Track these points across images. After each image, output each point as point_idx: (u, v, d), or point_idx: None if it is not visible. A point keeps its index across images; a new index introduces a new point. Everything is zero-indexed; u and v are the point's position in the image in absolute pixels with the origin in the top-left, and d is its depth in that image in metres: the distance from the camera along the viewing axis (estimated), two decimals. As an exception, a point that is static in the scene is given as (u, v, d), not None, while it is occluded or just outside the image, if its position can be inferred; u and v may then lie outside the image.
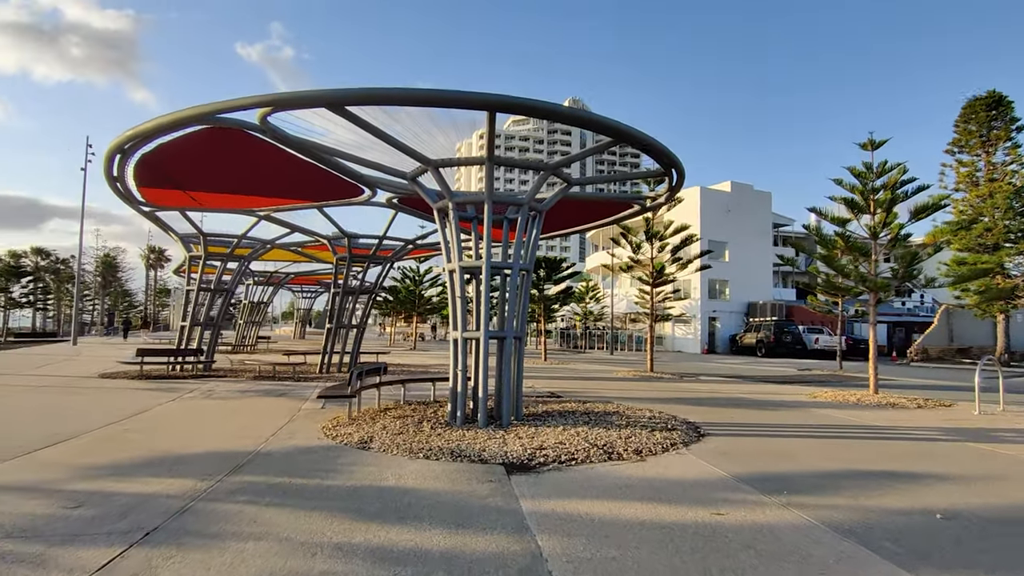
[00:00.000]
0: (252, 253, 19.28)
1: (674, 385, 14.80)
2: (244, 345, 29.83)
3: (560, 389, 13.28)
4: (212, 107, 7.73)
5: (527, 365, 21.12)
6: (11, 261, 54.64)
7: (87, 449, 6.35)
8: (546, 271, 23.04)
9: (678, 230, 17.72)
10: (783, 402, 11.72)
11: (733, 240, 38.89)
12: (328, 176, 11.24)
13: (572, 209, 14.05)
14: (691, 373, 19.01)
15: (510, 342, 8.46)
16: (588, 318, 38.91)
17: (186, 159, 11.16)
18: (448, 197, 9.15)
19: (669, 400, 11.48)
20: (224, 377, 14.86)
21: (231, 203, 15.22)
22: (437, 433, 7.25)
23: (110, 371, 15.48)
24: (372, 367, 9.54)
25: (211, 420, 8.46)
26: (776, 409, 10.62)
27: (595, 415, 8.86)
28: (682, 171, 10.03)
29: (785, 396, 12.83)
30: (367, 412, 8.99)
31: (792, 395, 13.06)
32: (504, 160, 8.91)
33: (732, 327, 38.10)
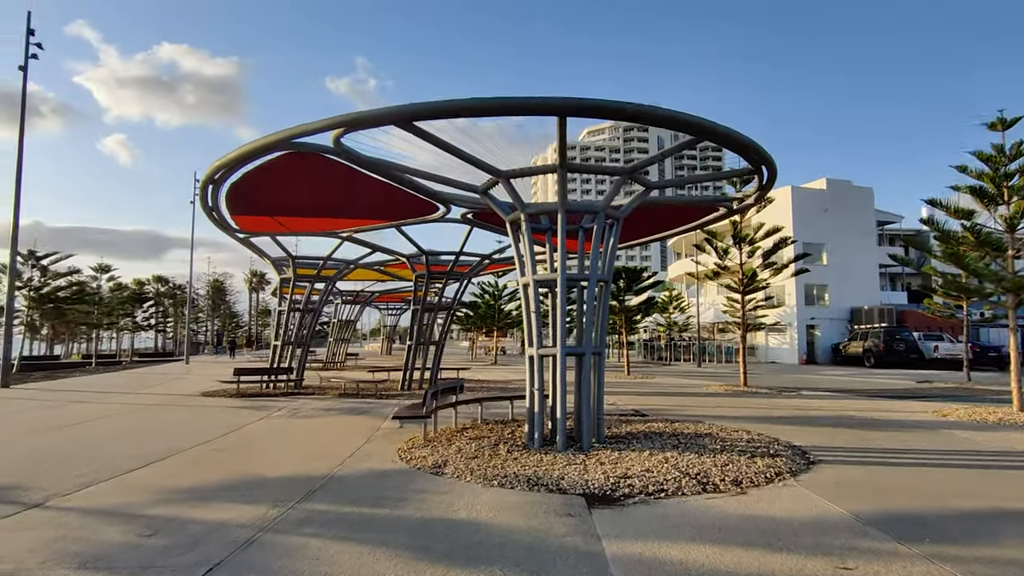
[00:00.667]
0: (337, 274, 19.97)
1: (772, 401, 13.56)
2: (334, 362, 31.07)
3: (645, 406, 12.51)
4: (288, 133, 7.88)
5: (608, 380, 20.32)
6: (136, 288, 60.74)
7: (175, 471, 6.53)
8: (626, 281, 22.20)
9: (770, 232, 16.40)
10: (905, 422, 10.32)
11: (831, 241, 35.93)
12: (404, 195, 11.33)
13: (651, 216, 13.34)
14: (790, 387, 17.45)
15: (589, 358, 7.95)
16: (672, 329, 37.25)
17: (271, 186, 11.64)
18: (520, 208, 8.84)
19: (768, 419, 10.43)
20: (312, 395, 15.34)
21: (315, 226, 15.81)
22: (513, 457, 6.86)
23: (211, 390, 16.44)
24: (448, 386, 9.35)
25: (293, 440, 8.56)
26: (897, 430, 9.32)
27: (685, 437, 8.12)
28: (774, 168, 9.17)
29: (906, 414, 11.33)
30: (444, 432, 8.77)
31: (914, 412, 11.52)
32: (577, 167, 8.48)
33: (834, 335, 35.06)
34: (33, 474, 6.31)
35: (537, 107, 7.05)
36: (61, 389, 17.61)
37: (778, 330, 35.86)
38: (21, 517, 4.79)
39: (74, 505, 5.17)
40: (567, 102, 6.98)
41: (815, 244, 35.42)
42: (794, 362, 34.19)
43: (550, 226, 9.46)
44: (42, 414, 11.69)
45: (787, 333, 35.43)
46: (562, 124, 7.53)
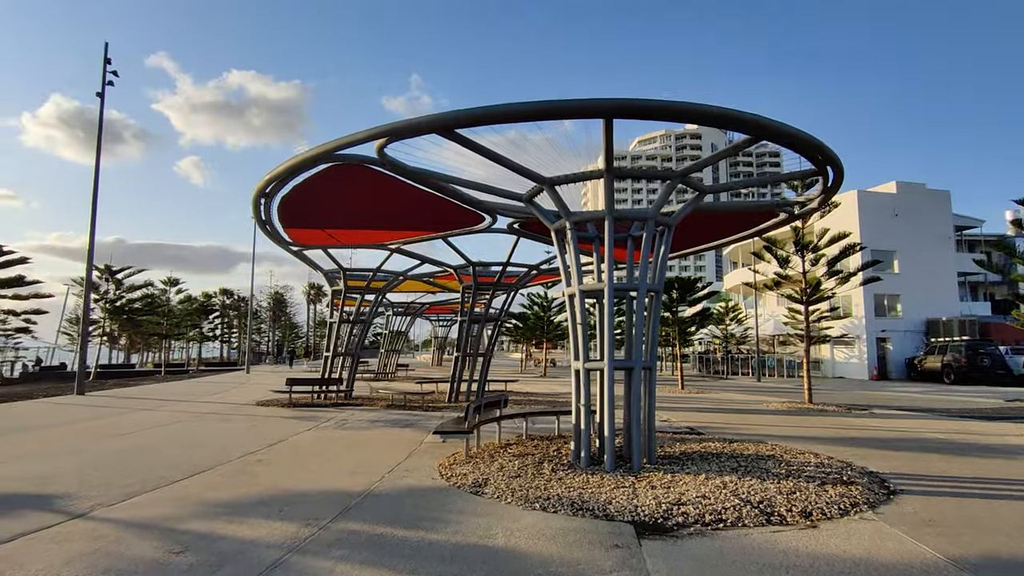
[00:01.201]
0: (387, 285, 20.17)
1: (841, 420, 12.56)
2: (385, 373, 31.44)
3: (700, 423, 11.82)
4: (332, 144, 7.87)
5: (662, 394, 19.54)
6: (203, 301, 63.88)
7: (217, 483, 6.51)
8: (679, 292, 21.38)
9: (835, 238, 15.35)
10: (998, 447, 9.25)
11: (903, 248, 33.64)
12: (449, 206, 11.26)
13: (705, 223, 12.72)
14: (861, 404, 16.21)
15: (639, 372, 7.49)
16: (729, 341, 35.75)
17: (320, 199, 11.80)
18: (565, 216, 8.52)
19: (837, 440, 9.60)
20: (360, 406, 15.41)
21: (364, 238, 15.99)
22: (558, 477, 6.48)
23: (265, 399, 16.81)
24: (492, 399, 9.08)
25: (336, 453, 8.48)
26: (991, 456, 8.34)
27: (745, 459, 7.50)
28: (840, 168, 8.51)
29: (997, 437, 10.19)
30: (487, 448, 8.49)
31: (1008, 436, 10.35)
32: (625, 172, 8.08)
33: (907, 349, 32.68)
34: (86, 482, 6.43)
35: (580, 109, 6.75)
36: (129, 396, 18.47)
37: (845, 343, 33.78)
38: (62, 528, 4.81)
39: (116, 516, 5.17)
40: (612, 103, 6.65)
41: (885, 251, 33.28)
42: (863, 377, 32.07)
43: (597, 235, 9.10)
44: (108, 421, 12.17)
45: (855, 346, 33.31)
46: (608, 127, 7.19)
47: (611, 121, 7.13)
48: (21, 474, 6.90)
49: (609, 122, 7.13)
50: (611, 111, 6.80)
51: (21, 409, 14.33)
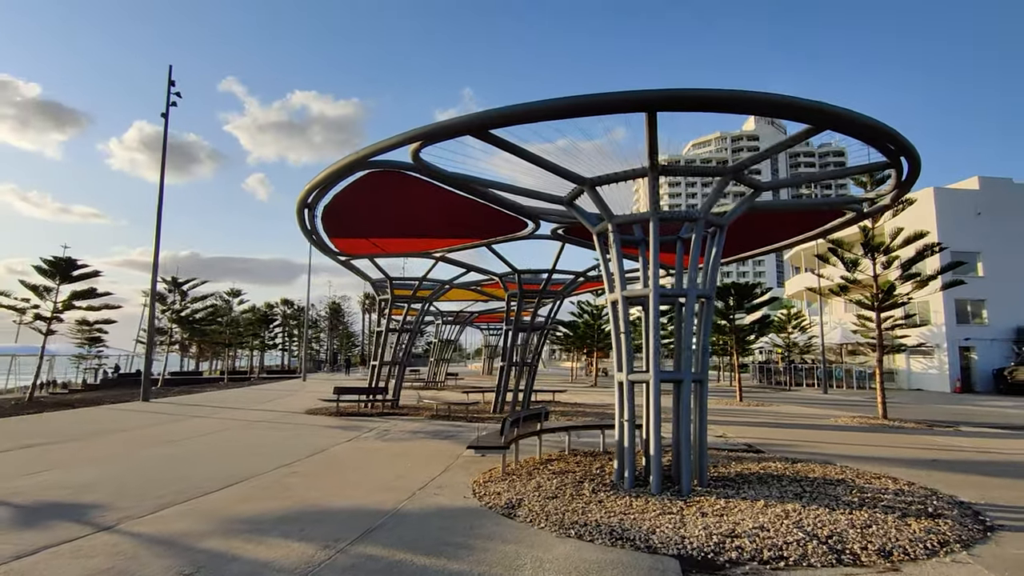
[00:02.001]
0: (433, 294, 20.11)
1: (922, 439, 11.36)
2: (434, 381, 31.52)
3: (759, 440, 10.95)
4: (367, 151, 7.73)
5: (718, 407, 18.51)
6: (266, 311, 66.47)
7: (248, 495, 6.37)
8: (736, 298, 20.26)
9: (910, 239, 14.04)
10: (1116, 473, 8.02)
11: (988, 249, 30.88)
12: (492, 213, 11.02)
13: (762, 224, 11.90)
14: (943, 420, 14.73)
15: (688, 385, 6.88)
16: (791, 350, 33.80)
17: (362, 208, 11.79)
18: (607, 219, 8.06)
19: (918, 463, 8.60)
20: (405, 415, 15.28)
21: (408, 247, 15.95)
22: (598, 500, 5.98)
23: (314, 407, 16.98)
24: (532, 412, 8.64)
25: (370, 465, 8.26)
26: (1108, 485, 7.20)
27: (811, 483, 6.74)
28: (916, 159, 7.68)
29: (1115, 462, 8.88)
30: (526, 464, 8.06)
31: None
32: (670, 168, 7.52)
33: (994, 359, 29.88)
34: (123, 492, 6.44)
35: (620, 102, 6.30)
36: (188, 403, 19.12)
37: (922, 352, 31.28)
38: (86, 542, 4.73)
39: (139, 531, 5.07)
40: (656, 94, 6.17)
41: (967, 253, 30.67)
42: (944, 390, 29.54)
43: (643, 238, 8.58)
44: (161, 428, 12.51)
45: (934, 356, 30.79)
46: (651, 121, 6.69)
47: (655, 115, 6.64)
48: (65, 482, 7.00)
49: (653, 116, 6.65)
50: (656, 103, 6.31)
51: (85, 416, 15.01)
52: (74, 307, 20.60)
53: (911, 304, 29.81)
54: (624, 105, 6.37)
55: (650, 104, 6.38)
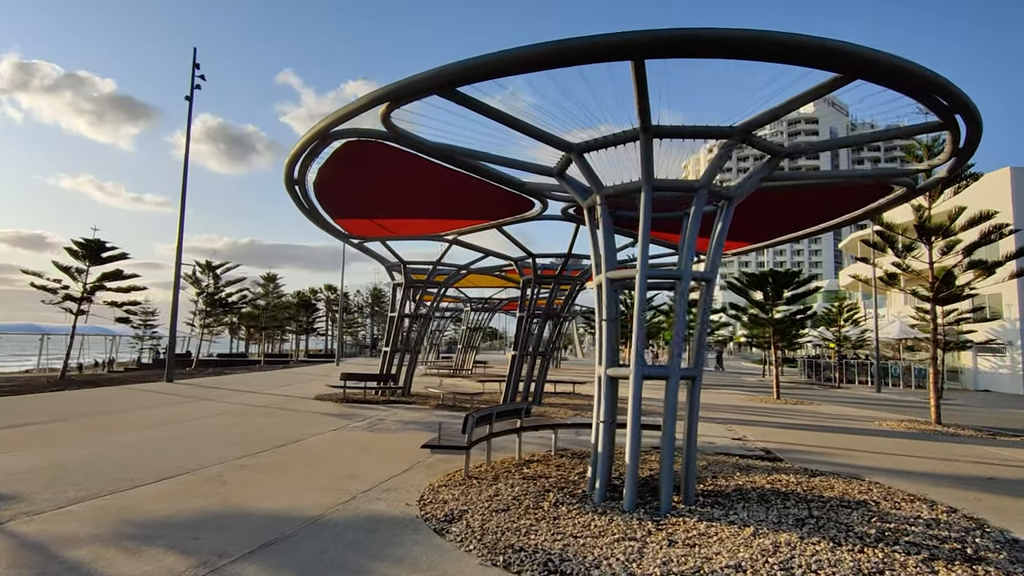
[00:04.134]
0: (449, 279, 19.43)
1: (978, 450, 9.81)
2: (461, 369, 31.03)
3: (782, 444, 9.69)
4: (330, 119, 7.06)
5: (751, 404, 17.08)
6: (308, 296, 67.80)
7: (171, 492, 5.79)
8: (774, 287, 18.60)
9: (974, 219, 12.22)
10: None
11: (1074, 236, 27.62)
12: (497, 192, 10.24)
13: (797, 203, 10.56)
14: (1009, 429, 12.91)
15: (676, 383, 5.83)
16: (843, 345, 31.41)
17: (360, 186, 11.19)
18: (595, 190, 7.06)
19: (968, 482, 7.23)
20: (412, 404, 14.69)
21: (416, 229, 15.27)
22: (554, 516, 5.06)
23: (324, 393, 16.63)
24: (509, 408, 7.75)
25: (333, 460, 7.59)
26: None
27: (822, 505, 5.59)
28: (975, 116, 6.35)
29: None
30: (500, 465, 7.21)
31: None
32: (666, 129, 6.38)
33: (1080, 359, 26.78)
34: (53, 481, 6.00)
35: (603, 48, 5.24)
36: (208, 386, 19.19)
37: (992, 349, 28.40)
38: (-52, 543, 4.20)
39: (22, 530, 4.53)
40: (641, 37, 5.10)
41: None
42: (1017, 391, 26.70)
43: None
44: (159, 411, 12.32)
45: (1006, 354, 27.88)
46: (639, 71, 5.61)
47: (642, 64, 5.56)
48: (5, 468, 6.64)
49: (640, 65, 5.56)
50: (642, 48, 5.24)
51: (95, 396, 15.10)
52: (105, 288, 21.03)
53: (979, 296, 27.02)
54: (606, 52, 5.32)
55: (636, 50, 5.31)
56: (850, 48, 5.10)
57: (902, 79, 5.51)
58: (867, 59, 5.14)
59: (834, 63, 5.32)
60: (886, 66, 5.23)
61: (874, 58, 5.12)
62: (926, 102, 6.06)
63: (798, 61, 5.31)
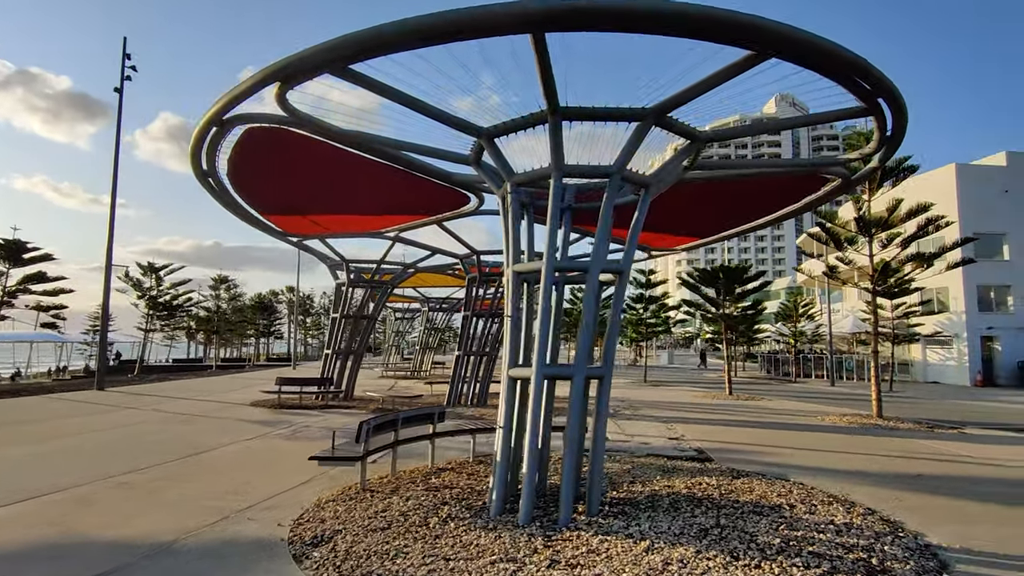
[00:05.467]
0: (395, 278, 18.79)
1: (914, 444, 9.68)
2: (420, 370, 30.33)
3: (719, 443, 9.39)
4: (220, 105, 6.42)
5: (702, 401, 16.89)
6: (269, 298, 65.83)
7: (14, 518, 5.10)
8: (725, 283, 18.49)
9: (912, 212, 12.19)
10: None
11: (1016, 230, 28.45)
12: (430, 187, 9.76)
13: (730, 198, 10.29)
14: (949, 420, 12.95)
15: (582, 382, 5.40)
16: (798, 340, 31.77)
17: (284, 180, 10.55)
18: (505, 177, 6.60)
19: (895, 479, 6.99)
20: (349, 409, 14.03)
21: (352, 225, 14.61)
22: (437, 534, 4.56)
23: (260, 399, 15.80)
24: (420, 413, 7.22)
25: (229, 472, 6.95)
26: None
27: (734, 510, 5.22)
28: (899, 101, 6.09)
29: None
30: (407, 475, 6.68)
31: None
32: (574, 110, 5.93)
33: (1020, 350, 27.57)
34: None
35: (495, 19, 4.75)
36: (140, 393, 18.11)
37: (940, 342, 29.07)
38: None
39: None
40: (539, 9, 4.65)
41: (992, 235, 28.31)
42: (964, 383, 27.36)
43: (570, 205, 7.14)
44: (71, 421, 11.44)
45: (953, 346, 28.56)
46: (540, 46, 5.13)
47: (543, 39, 5.09)
48: None
49: (540, 39, 5.08)
50: (540, 21, 4.77)
51: (7, 405, 14.02)
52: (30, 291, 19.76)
53: (927, 290, 27.61)
54: (501, 23, 4.83)
55: (534, 22, 4.83)
56: (761, 23, 4.73)
57: (819, 59, 5.17)
58: (780, 36, 4.79)
59: (746, 39, 4.95)
60: (801, 44, 4.89)
61: (788, 35, 4.78)
62: (848, 85, 5.75)
63: (707, 36, 4.91)
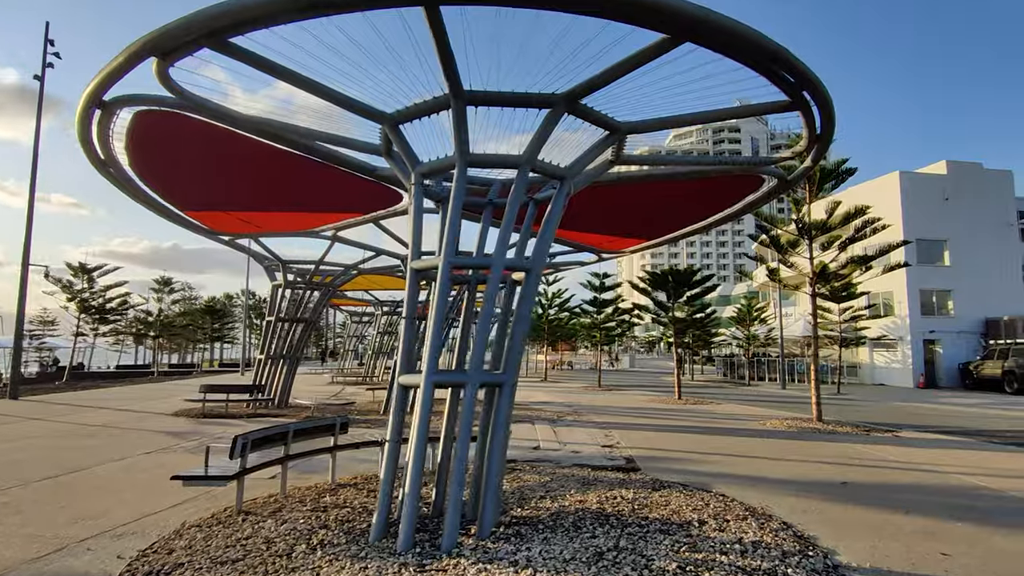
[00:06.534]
0: (336, 280, 18.01)
1: (847, 450, 9.51)
2: (371, 376, 29.44)
3: (653, 451, 9.03)
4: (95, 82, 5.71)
5: (649, 406, 16.65)
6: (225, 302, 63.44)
7: None
8: (674, 286, 18.35)
9: (850, 215, 12.18)
10: (1067, 502, 6.18)
11: (956, 237, 29.36)
12: (360, 183, 9.19)
13: (668, 198, 10.01)
14: (886, 424, 12.96)
15: (474, 391, 4.90)
16: (752, 343, 32.15)
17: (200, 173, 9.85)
18: (411, 167, 6.09)
19: (820, 487, 6.71)
20: (278, 418, 13.22)
21: (286, 224, 13.87)
22: (292, 568, 3.98)
23: (184, 408, 14.82)
24: (317, 424, 6.58)
25: (99, 494, 6.19)
26: (1053, 525, 5.34)
27: (640, 530, 4.79)
28: (824, 96, 5.85)
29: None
30: (299, 493, 6.06)
31: (1084, 482, 7.20)
32: (480, 95, 5.44)
33: (961, 353, 28.41)
34: None
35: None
36: (56, 403, 16.83)
37: (885, 345, 29.75)
38: None
39: None
40: None
41: (934, 241, 29.18)
42: (908, 385, 28.03)
43: (492, 200, 6.71)
44: (-52, 436, 10.35)
45: (898, 349, 29.26)
46: (434, 20, 4.63)
47: (437, 11, 4.59)
48: None
49: (434, 12, 4.58)
50: None
51: None
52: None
53: (874, 294, 28.23)
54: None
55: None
56: (675, 5, 4.34)
57: (738, 46, 4.83)
58: (695, 19, 4.42)
59: (658, 21, 4.57)
60: (717, 29, 4.54)
61: (702, 18, 4.41)
62: (773, 78, 5.43)
63: (614, 15, 4.51)
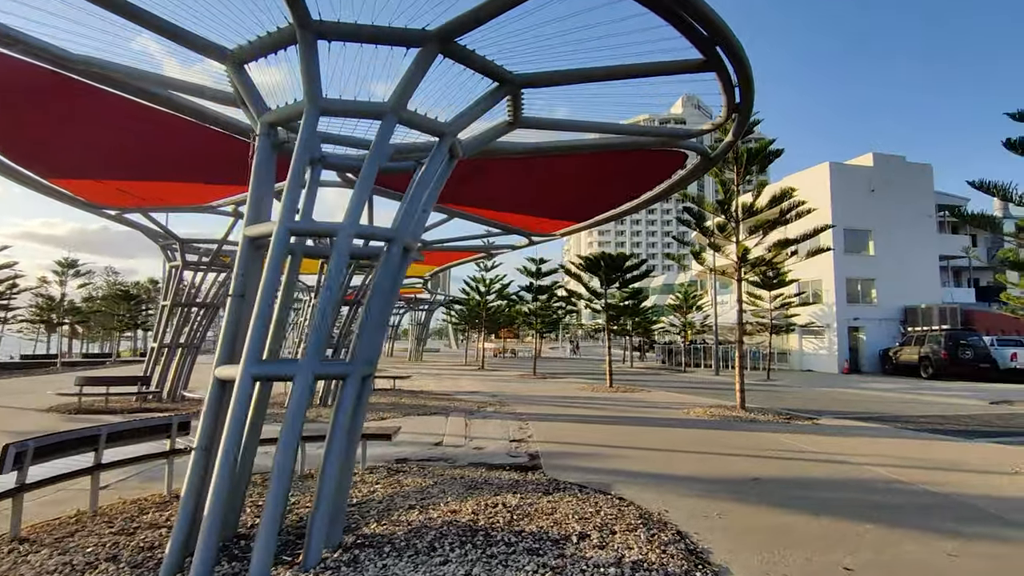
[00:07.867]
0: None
1: (765, 440, 9.15)
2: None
3: (563, 445, 8.37)
4: None
5: (581, 394, 16.13)
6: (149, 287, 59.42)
7: None
8: (606, 272, 17.89)
9: (776, 198, 11.89)
10: (978, 505, 5.85)
11: (880, 227, 30.39)
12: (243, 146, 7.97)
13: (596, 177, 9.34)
14: (807, 411, 12.86)
15: (305, 385, 3.97)
16: (688, 330, 32.45)
17: (48, 132, 8.36)
18: (256, 115, 5.05)
19: (728, 485, 6.18)
20: (166, 413, 11.84)
21: (171, 196, 12.35)
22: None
23: (59, 403, 13.16)
24: (146, 424, 5.51)
25: None
26: (967, 529, 4.94)
27: (508, 548, 4.02)
28: (740, 55, 5.18)
29: (979, 477, 6.81)
30: (105, 513, 5.00)
31: (993, 472, 7.00)
32: (332, 27, 4.44)
33: (883, 339, 29.54)
34: None
35: None
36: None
37: (813, 332, 30.58)
38: None
39: None
40: None
41: (859, 231, 30.09)
42: (833, 371, 28.92)
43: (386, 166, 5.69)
44: None
45: (825, 336, 30.13)
46: None
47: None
48: None
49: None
50: None
51: None
52: None
53: (803, 282, 28.89)
54: None
55: None
56: None
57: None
58: None
59: None
60: None
61: None
62: (683, 28, 4.69)
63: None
